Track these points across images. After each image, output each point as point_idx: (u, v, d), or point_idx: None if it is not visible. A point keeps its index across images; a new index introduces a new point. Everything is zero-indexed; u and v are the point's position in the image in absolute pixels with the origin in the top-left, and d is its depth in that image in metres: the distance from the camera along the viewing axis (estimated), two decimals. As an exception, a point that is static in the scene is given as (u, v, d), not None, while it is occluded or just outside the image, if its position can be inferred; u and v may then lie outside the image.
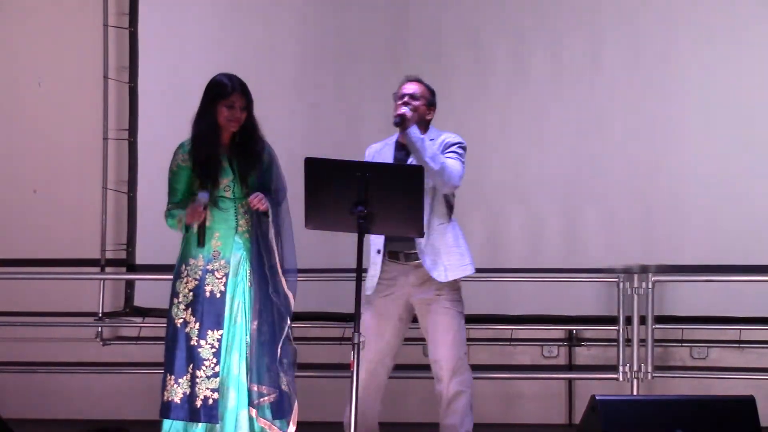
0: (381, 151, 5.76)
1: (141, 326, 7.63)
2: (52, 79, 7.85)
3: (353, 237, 5.04)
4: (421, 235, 5.30)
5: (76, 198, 7.78)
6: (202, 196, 5.35)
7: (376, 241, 5.66)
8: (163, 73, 7.71)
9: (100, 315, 7.64)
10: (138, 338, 7.65)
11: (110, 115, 7.77)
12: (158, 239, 7.49)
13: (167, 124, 7.57)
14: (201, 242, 5.39)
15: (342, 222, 5.08)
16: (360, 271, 5.03)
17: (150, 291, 7.65)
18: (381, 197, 5.01)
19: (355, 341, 4.97)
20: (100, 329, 7.68)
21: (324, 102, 7.61)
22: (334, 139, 7.39)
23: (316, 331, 7.25)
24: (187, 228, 5.44)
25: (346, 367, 5.03)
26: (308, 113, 7.52)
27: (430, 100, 5.77)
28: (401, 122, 5.49)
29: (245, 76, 5.55)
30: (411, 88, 5.75)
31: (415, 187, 5.08)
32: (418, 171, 5.15)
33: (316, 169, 5.10)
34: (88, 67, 7.79)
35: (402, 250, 5.65)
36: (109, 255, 7.76)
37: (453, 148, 5.66)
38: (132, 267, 7.70)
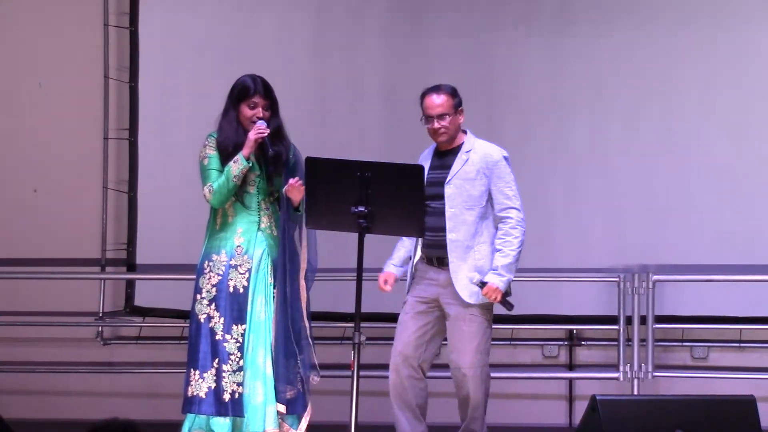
0: (425, 156, 5.66)
1: (141, 326, 7.63)
2: (52, 79, 7.84)
3: (354, 237, 5.04)
4: (422, 234, 5.30)
5: (76, 198, 7.77)
6: (261, 122, 5.40)
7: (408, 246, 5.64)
8: (163, 72, 7.71)
9: (101, 315, 7.65)
10: (138, 338, 7.66)
11: (110, 115, 7.77)
12: (158, 239, 7.54)
13: (167, 124, 7.60)
14: (270, 148, 5.38)
15: (342, 221, 5.08)
16: (360, 271, 5.02)
17: (150, 291, 7.66)
18: (381, 197, 5.00)
19: (356, 341, 4.97)
20: (100, 329, 7.68)
21: (327, 102, 7.60)
22: (340, 139, 7.39)
23: (316, 331, 7.22)
24: (247, 161, 5.37)
25: (346, 366, 5.03)
26: (310, 112, 7.50)
27: (456, 105, 5.53)
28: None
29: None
30: (436, 106, 5.50)
31: (415, 186, 5.08)
32: (419, 170, 5.14)
33: (317, 169, 5.11)
34: (88, 66, 7.79)
35: (436, 256, 5.58)
36: (109, 255, 7.76)
37: (507, 189, 5.58)
38: (132, 267, 7.70)
